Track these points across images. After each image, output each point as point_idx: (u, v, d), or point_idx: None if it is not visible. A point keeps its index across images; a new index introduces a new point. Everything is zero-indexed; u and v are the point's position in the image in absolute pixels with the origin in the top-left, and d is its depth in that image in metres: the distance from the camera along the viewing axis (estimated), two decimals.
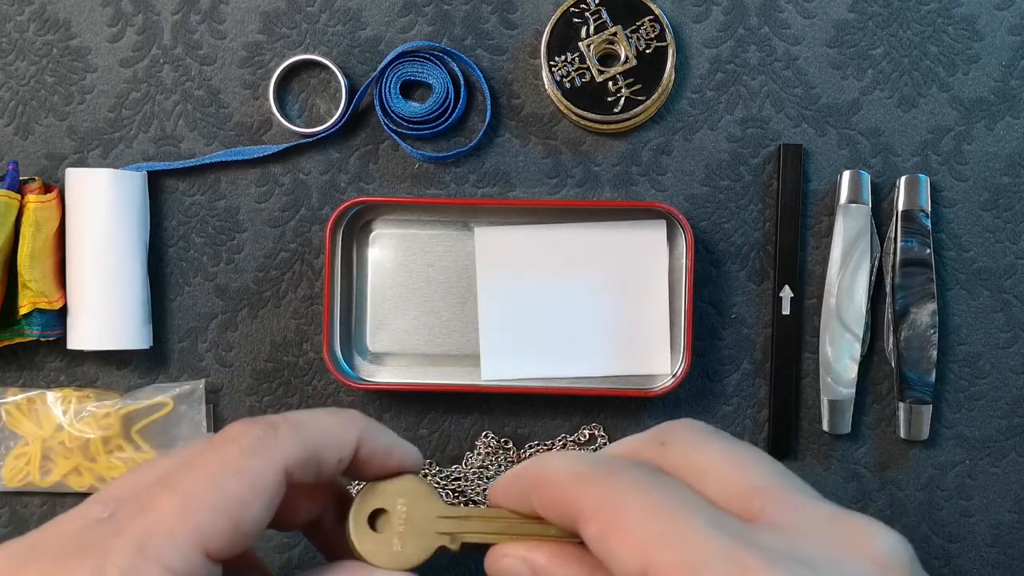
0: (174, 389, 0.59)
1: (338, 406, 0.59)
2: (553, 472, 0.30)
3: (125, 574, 0.28)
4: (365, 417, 0.36)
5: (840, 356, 0.56)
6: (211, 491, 0.30)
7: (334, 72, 0.59)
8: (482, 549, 0.34)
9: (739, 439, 0.30)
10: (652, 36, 0.57)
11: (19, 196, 0.56)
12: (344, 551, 0.35)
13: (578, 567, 0.30)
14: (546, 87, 0.58)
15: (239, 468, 0.31)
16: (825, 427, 0.57)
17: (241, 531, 0.30)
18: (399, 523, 0.34)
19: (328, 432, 0.34)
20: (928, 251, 0.56)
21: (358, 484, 0.36)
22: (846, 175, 0.57)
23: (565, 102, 0.57)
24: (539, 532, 0.32)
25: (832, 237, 0.57)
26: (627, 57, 0.57)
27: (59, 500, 0.60)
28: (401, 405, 0.59)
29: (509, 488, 0.33)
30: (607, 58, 0.58)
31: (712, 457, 0.29)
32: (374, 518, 0.35)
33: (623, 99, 0.57)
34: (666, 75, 0.56)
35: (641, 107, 0.56)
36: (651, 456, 0.30)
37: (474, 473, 0.58)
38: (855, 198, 0.57)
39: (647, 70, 0.57)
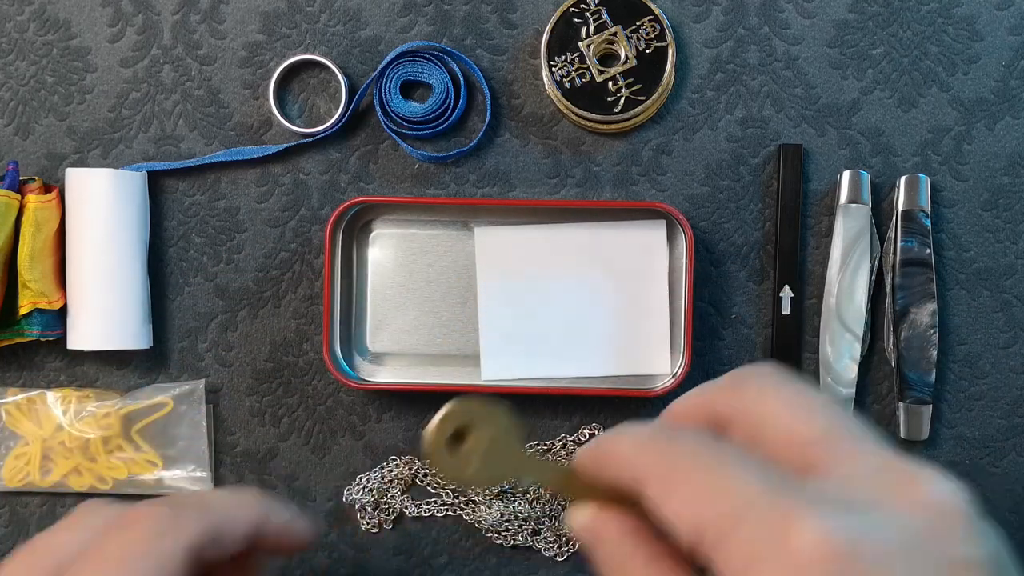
0: (174, 389, 0.59)
1: (338, 406, 0.59)
2: (620, 442, 0.31)
3: None
4: (263, 493, 0.38)
5: (840, 356, 0.56)
6: None
7: (334, 72, 0.59)
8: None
9: (811, 387, 0.31)
10: (652, 36, 0.57)
11: (19, 196, 0.56)
12: None
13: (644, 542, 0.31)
14: (546, 87, 0.58)
15: (146, 552, 0.33)
16: None
17: None
18: (478, 448, 0.34)
19: (228, 510, 0.36)
20: (928, 251, 0.56)
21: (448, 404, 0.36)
22: (846, 175, 0.57)
23: (565, 102, 0.57)
24: (594, 495, 0.33)
25: (832, 237, 0.57)
26: (627, 57, 0.57)
27: (59, 500, 0.60)
28: (401, 405, 0.59)
29: (589, 455, 0.33)
30: (607, 58, 0.58)
31: (776, 406, 0.29)
32: (454, 435, 0.35)
33: (623, 99, 0.57)
34: (666, 75, 0.56)
35: (641, 107, 0.56)
36: (724, 400, 0.31)
37: None
38: (855, 198, 0.57)
39: (647, 70, 0.57)
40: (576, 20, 0.57)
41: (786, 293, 0.57)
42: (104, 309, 0.56)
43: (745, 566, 0.25)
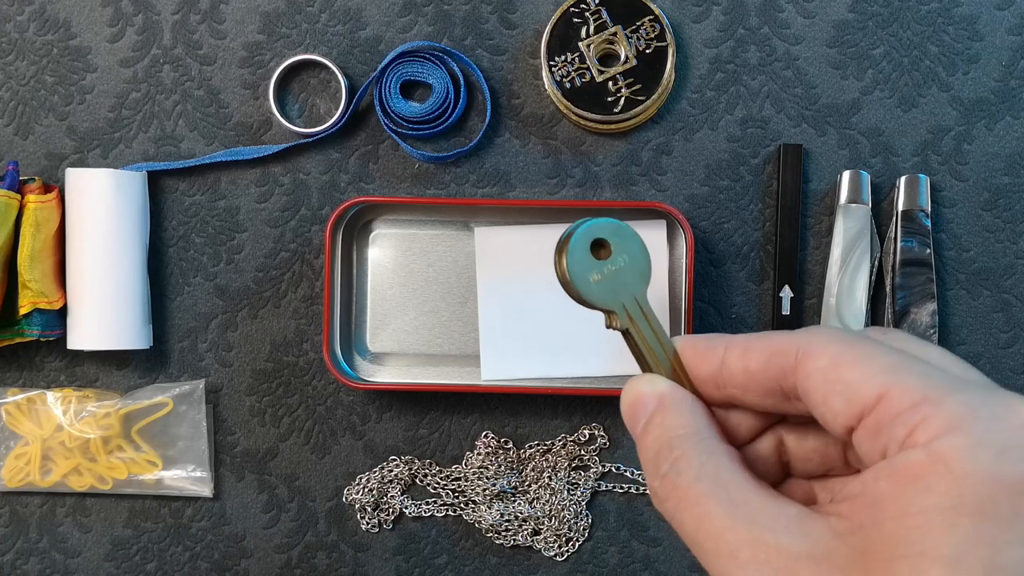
0: (174, 389, 0.59)
1: (338, 406, 0.59)
2: (769, 334, 0.30)
3: None
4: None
5: None
6: None
7: (334, 72, 0.59)
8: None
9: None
10: (652, 36, 0.57)
11: (19, 196, 0.56)
12: None
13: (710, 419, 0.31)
14: (546, 87, 0.58)
15: None
16: None
17: None
18: (609, 268, 0.34)
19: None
20: (928, 251, 0.56)
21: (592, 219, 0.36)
22: (846, 175, 0.57)
23: (565, 102, 0.57)
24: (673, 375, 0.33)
25: (832, 237, 0.57)
26: (627, 57, 0.57)
27: (59, 500, 0.60)
28: (401, 405, 0.59)
29: (700, 345, 0.32)
30: (607, 58, 0.58)
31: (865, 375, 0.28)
32: (595, 244, 0.35)
33: (623, 99, 0.57)
34: (666, 75, 0.56)
35: (641, 107, 0.56)
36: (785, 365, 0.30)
37: (474, 473, 0.58)
38: (855, 198, 0.57)
39: (647, 70, 0.56)
40: (576, 20, 0.57)
41: (786, 293, 0.57)
42: (104, 309, 0.56)
43: (948, 429, 0.25)
